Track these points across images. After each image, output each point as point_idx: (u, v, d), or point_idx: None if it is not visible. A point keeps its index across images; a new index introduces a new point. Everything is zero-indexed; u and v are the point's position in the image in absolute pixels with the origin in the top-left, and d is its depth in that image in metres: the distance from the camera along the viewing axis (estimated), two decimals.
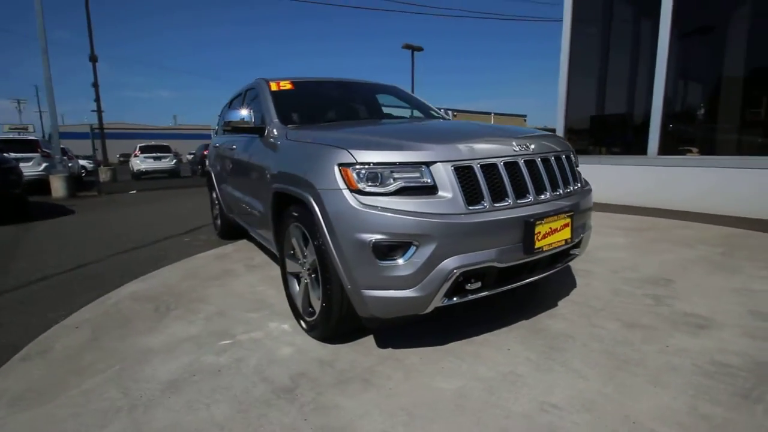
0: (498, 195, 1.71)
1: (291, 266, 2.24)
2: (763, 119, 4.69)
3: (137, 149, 15.71)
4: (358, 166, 1.64)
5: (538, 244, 1.73)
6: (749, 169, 4.40)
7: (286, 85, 2.93)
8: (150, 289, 2.93)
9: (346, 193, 1.63)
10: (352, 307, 1.79)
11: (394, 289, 1.62)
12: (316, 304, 1.94)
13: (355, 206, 1.61)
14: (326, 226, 1.70)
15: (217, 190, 4.05)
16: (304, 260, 2.06)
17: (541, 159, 1.90)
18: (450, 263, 1.59)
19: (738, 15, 4.79)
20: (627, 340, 1.93)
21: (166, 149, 16.11)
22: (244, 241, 4.25)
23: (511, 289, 1.85)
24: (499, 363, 1.77)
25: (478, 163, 1.69)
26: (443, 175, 1.63)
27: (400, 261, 1.59)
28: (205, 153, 17.05)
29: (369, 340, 2.01)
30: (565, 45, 5.79)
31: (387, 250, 1.59)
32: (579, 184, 2.13)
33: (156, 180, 14.75)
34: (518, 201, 1.75)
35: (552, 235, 1.79)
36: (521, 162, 1.81)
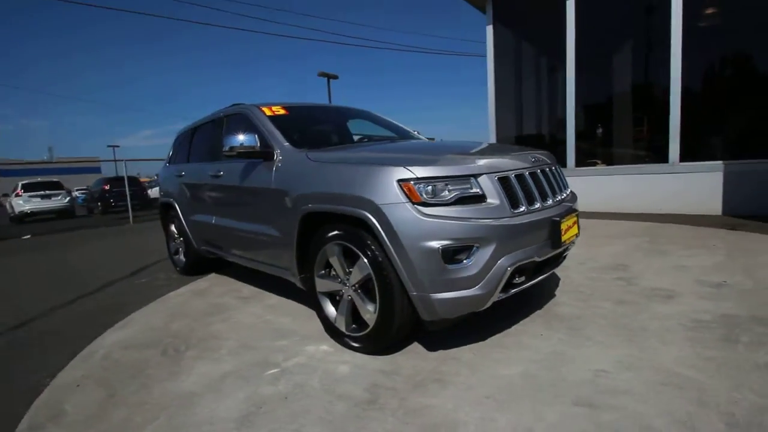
0: (530, 200, 2.01)
1: (324, 286, 2.26)
2: (645, 136, 5.91)
3: (19, 188, 13.31)
4: (418, 181, 1.80)
5: (562, 239, 2.06)
6: (642, 175, 5.49)
7: (280, 110, 2.95)
8: (137, 335, 2.63)
9: (409, 206, 1.78)
10: (411, 314, 1.90)
11: (460, 289, 1.78)
12: (370, 317, 2.00)
13: (420, 217, 1.76)
14: (389, 238, 1.80)
15: (184, 222, 3.77)
16: (346, 278, 2.11)
17: (548, 169, 2.27)
18: (505, 261, 1.82)
19: (622, 54, 6.04)
20: (624, 313, 2.34)
21: (56, 186, 13.95)
22: (214, 275, 3.98)
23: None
24: (541, 346, 2.03)
25: (513, 174, 1.97)
26: (489, 185, 1.87)
27: (466, 263, 1.77)
28: (106, 188, 15.45)
29: (416, 347, 2.12)
30: (491, 79, 6.64)
31: (453, 254, 1.76)
32: (569, 189, 2.55)
33: (45, 222, 12.61)
34: (543, 204, 2.07)
35: (568, 231, 2.14)
36: (538, 172, 2.15)
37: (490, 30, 6.56)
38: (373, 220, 1.84)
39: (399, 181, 1.81)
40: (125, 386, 1.98)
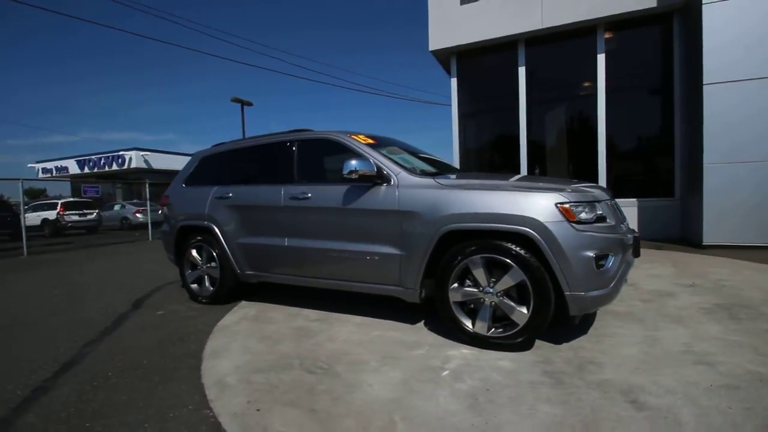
0: (619, 222, 2.67)
1: (459, 296, 2.55)
2: (577, 177, 7.45)
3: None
4: (572, 205, 2.31)
5: (639, 250, 2.76)
6: None
7: (369, 140, 3.20)
8: (253, 360, 2.47)
9: (567, 224, 2.27)
10: (553, 310, 2.35)
11: (603, 288, 2.31)
12: (520, 317, 2.37)
13: (577, 232, 2.26)
14: (552, 248, 2.25)
15: (227, 246, 3.56)
16: (489, 286, 2.45)
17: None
18: (623, 266, 2.43)
19: (561, 111, 7.58)
20: (656, 308, 3.14)
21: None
22: (244, 302, 3.77)
23: None
24: (637, 335, 2.63)
25: (608, 202, 2.63)
26: (605, 208, 2.48)
27: (607, 267, 2.32)
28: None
29: (542, 344, 2.53)
30: (455, 122, 7.64)
31: (598, 261, 2.29)
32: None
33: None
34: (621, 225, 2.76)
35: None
36: (613, 201, 2.86)
37: (454, 82, 7.62)
38: (536, 235, 2.28)
39: (558, 204, 2.31)
40: (314, 402, 1.97)
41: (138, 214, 17.90)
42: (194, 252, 3.87)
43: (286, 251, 3.27)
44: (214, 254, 3.70)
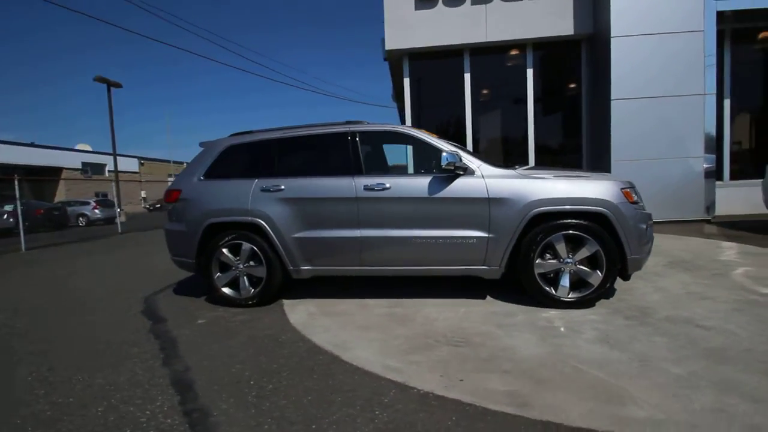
0: None
1: (542, 268, 3.05)
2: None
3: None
4: (629, 189, 3.01)
5: None
6: None
7: (433, 135, 3.44)
8: (391, 351, 2.54)
9: (628, 203, 2.97)
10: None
11: (647, 251, 3.08)
12: (595, 280, 2.98)
13: (635, 210, 2.98)
14: (621, 223, 2.92)
15: (278, 242, 3.35)
16: (568, 257, 3.01)
17: None
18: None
19: (499, 111, 8.68)
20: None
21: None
22: (286, 302, 3.61)
23: None
24: (647, 287, 3.52)
25: None
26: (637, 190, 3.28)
27: (650, 235, 3.09)
28: None
29: (598, 304, 3.21)
30: (408, 119, 8.13)
31: (647, 230, 3.05)
32: None
33: None
34: None
35: None
36: None
37: (407, 81, 8.09)
38: (610, 213, 2.92)
39: (621, 189, 2.98)
40: (504, 365, 2.22)
41: (96, 210, 18.71)
42: (226, 251, 3.51)
43: (359, 242, 3.29)
44: (258, 252, 3.44)
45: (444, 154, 3.07)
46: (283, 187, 3.41)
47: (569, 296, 3.06)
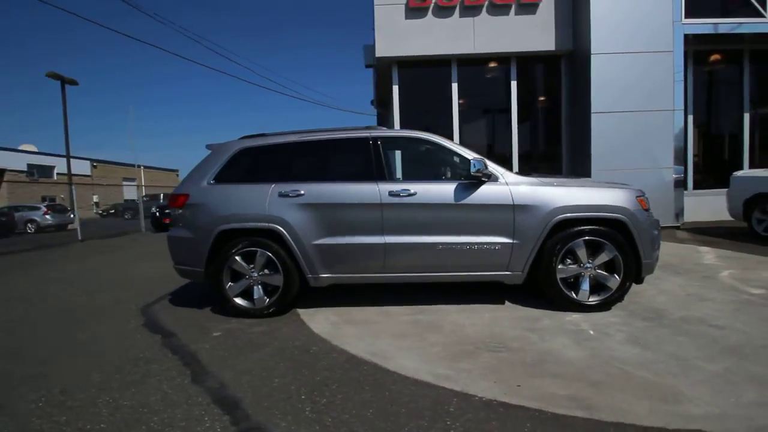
0: None
1: (564, 273, 3.14)
2: None
3: None
4: (642, 197, 3.18)
5: None
6: None
7: (453, 142, 3.48)
8: (433, 358, 2.50)
9: (642, 210, 3.13)
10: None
11: (657, 255, 3.26)
12: (613, 284, 3.11)
13: (648, 216, 3.14)
14: (636, 229, 3.06)
15: (298, 249, 3.22)
16: (588, 262, 3.12)
17: None
18: None
19: (484, 119, 8.90)
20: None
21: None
22: (305, 310, 3.49)
23: None
24: (651, 290, 3.71)
25: None
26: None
27: (659, 240, 3.27)
28: None
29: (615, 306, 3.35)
30: (396, 124, 8.17)
31: (657, 236, 3.23)
32: None
33: None
34: None
35: None
36: None
37: (396, 89, 8.14)
38: (628, 220, 3.06)
39: (637, 197, 3.14)
40: (556, 370, 2.24)
41: (47, 216, 17.44)
42: (239, 259, 3.34)
43: (383, 249, 3.24)
44: (275, 259, 3.30)
45: (472, 160, 3.11)
46: (302, 192, 3.30)
47: (590, 300, 3.17)
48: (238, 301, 3.39)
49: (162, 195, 24.14)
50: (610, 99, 7.24)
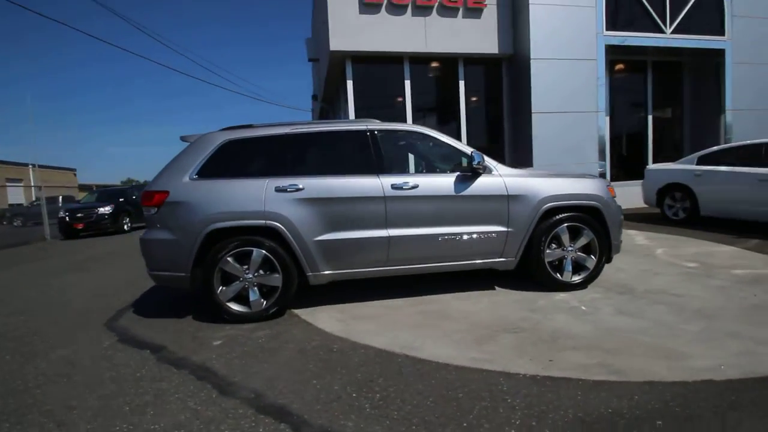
0: None
1: (551, 257, 3.43)
2: None
3: None
4: (611, 187, 3.58)
5: None
6: None
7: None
8: (462, 345, 2.57)
9: (612, 198, 3.53)
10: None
11: (621, 239, 3.71)
12: (591, 264, 3.47)
13: (616, 203, 3.56)
14: (608, 215, 3.46)
15: (299, 248, 3.07)
16: (570, 246, 3.45)
17: None
18: None
19: (434, 115, 9.15)
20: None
21: None
22: (301, 311, 3.35)
23: None
24: (611, 267, 4.20)
25: None
26: None
27: (622, 223, 3.73)
28: None
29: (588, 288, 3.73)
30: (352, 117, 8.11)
31: (622, 220, 3.67)
32: None
33: None
34: None
35: None
36: None
37: (350, 84, 8.07)
38: (602, 207, 3.44)
39: (608, 185, 3.54)
40: (572, 344, 2.45)
41: None
42: (232, 260, 3.09)
43: (386, 242, 3.23)
44: (272, 258, 3.12)
45: (473, 153, 3.25)
46: (302, 186, 3.15)
47: (573, 279, 3.51)
48: (233, 306, 3.13)
49: (61, 198, 20.95)
50: (548, 101, 7.99)
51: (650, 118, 9.61)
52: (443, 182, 3.32)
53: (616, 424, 1.69)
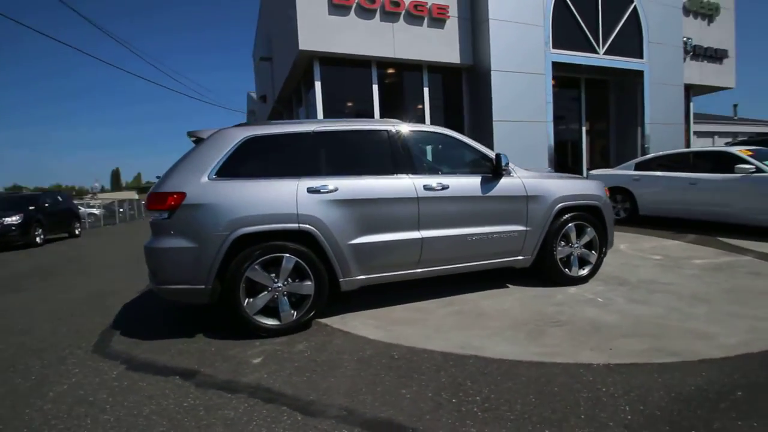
0: None
1: (562, 253, 3.67)
2: None
3: None
4: (607, 188, 3.95)
5: None
6: None
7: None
8: (517, 335, 2.62)
9: (608, 199, 3.90)
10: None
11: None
12: (594, 259, 3.79)
13: (610, 203, 3.94)
14: (606, 214, 3.81)
15: (333, 252, 2.91)
16: (576, 243, 3.72)
17: None
18: None
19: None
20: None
21: None
22: (326, 320, 3.17)
23: None
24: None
25: None
26: None
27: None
28: None
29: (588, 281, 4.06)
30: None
31: (613, 218, 4.07)
32: None
33: None
34: None
35: None
36: None
37: (318, 85, 7.84)
38: (600, 206, 3.78)
39: (604, 186, 3.89)
40: (612, 331, 2.63)
41: None
42: (259, 268, 2.81)
43: (419, 244, 3.19)
44: (304, 265, 2.90)
45: (501, 155, 3.36)
46: (335, 187, 2.99)
47: (580, 273, 3.79)
48: (261, 319, 2.85)
49: None
50: (507, 110, 8.57)
51: (584, 129, 10.79)
52: (471, 183, 3.39)
53: (706, 398, 1.87)
